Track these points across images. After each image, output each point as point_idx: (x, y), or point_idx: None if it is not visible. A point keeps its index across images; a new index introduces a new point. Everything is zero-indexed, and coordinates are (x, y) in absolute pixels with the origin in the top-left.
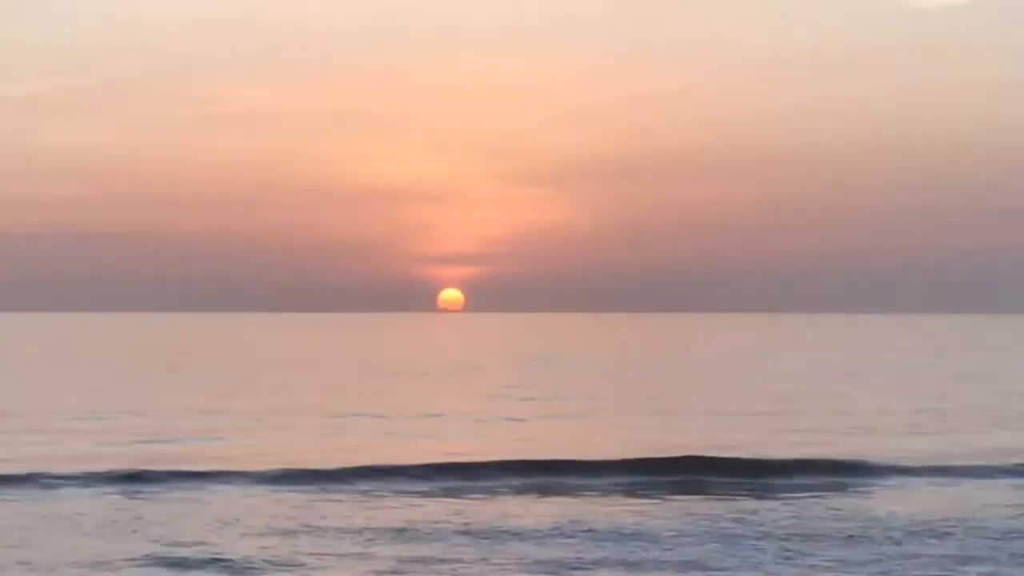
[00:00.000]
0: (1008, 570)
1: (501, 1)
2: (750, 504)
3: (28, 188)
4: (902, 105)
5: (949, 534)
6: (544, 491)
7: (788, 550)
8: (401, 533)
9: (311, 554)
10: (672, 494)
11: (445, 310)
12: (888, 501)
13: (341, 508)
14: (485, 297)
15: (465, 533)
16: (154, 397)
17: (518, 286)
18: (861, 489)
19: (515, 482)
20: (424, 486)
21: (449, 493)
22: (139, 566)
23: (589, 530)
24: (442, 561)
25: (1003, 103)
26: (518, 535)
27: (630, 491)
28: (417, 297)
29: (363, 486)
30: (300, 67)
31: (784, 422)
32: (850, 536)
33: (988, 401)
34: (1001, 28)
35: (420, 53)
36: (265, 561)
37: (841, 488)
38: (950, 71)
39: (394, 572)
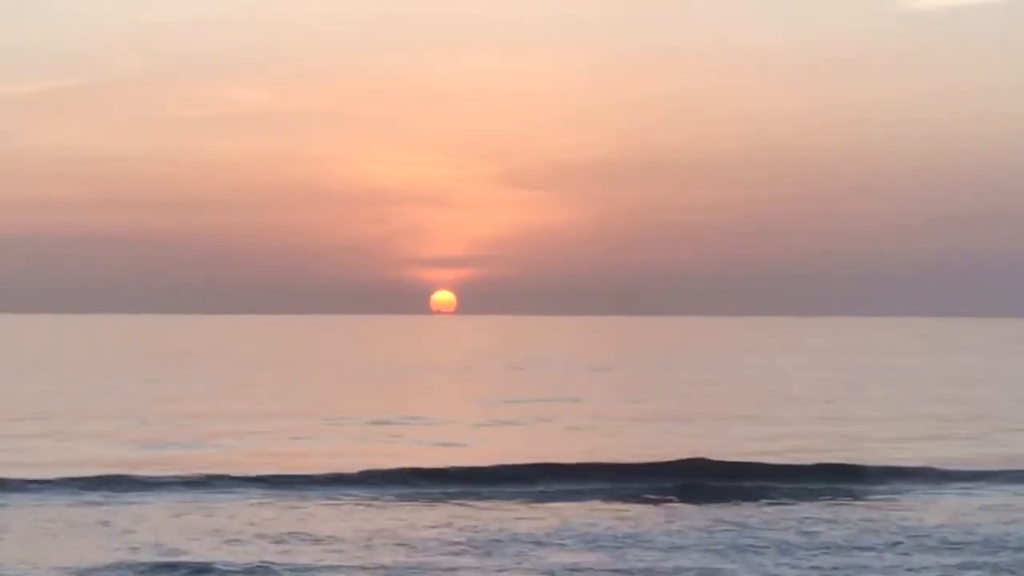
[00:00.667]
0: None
1: (497, 1)
2: (749, 509)
3: (25, 188)
4: (904, 107)
5: (948, 540)
6: (540, 496)
7: (788, 555)
8: (398, 538)
9: (304, 560)
10: (671, 499)
11: (438, 312)
12: (890, 507)
13: (335, 512)
14: (478, 300)
15: (463, 539)
16: (146, 400)
17: (511, 289)
18: (861, 494)
19: (511, 487)
20: (420, 491)
21: (446, 498)
22: (125, 572)
23: (586, 535)
24: (439, 568)
25: (1003, 105)
26: (516, 541)
27: (628, 496)
28: (410, 299)
29: (358, 491)
30: (296, 68)
31: (785, 427)
32: (851, 541)
33: (987, 406)
34: (1001, 30)
35: (416, 54)
36: (259, 567)
37: (842, 494)
38: (949, 73)
39: None
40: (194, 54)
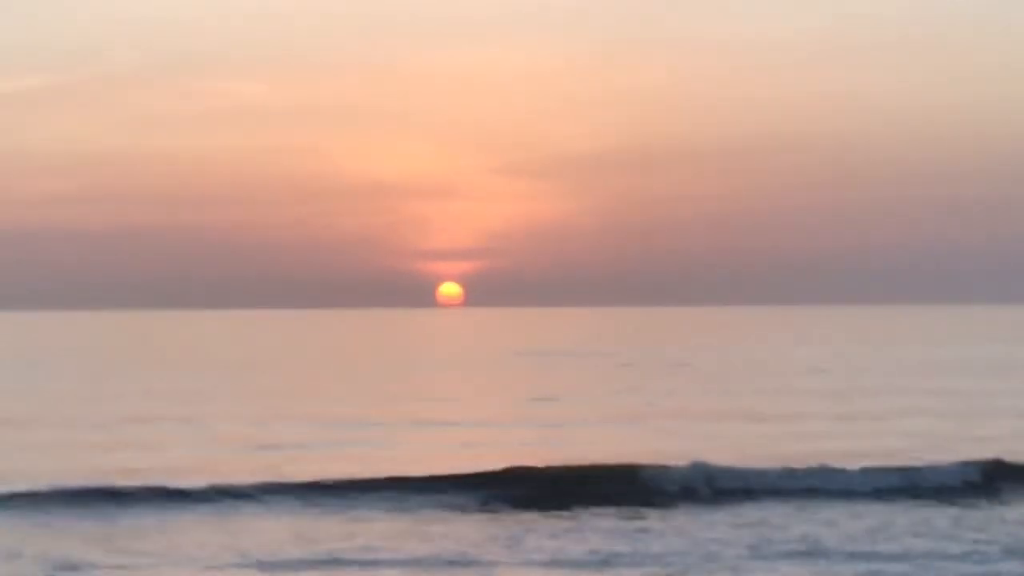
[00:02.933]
0: None
1: None
2: (755, 513)
3: (22, 184)
4: (893, 96)
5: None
6: (545, 503)
7: (787, 558)
8: (433, 546)
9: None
10: (674, 503)
11: (445, 305)
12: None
13: (329, 524)
14: (484, 292)
15: (462, 550)
16: (163, 400)
17: (517, 281)
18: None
19: (515, 493)
20: (419, 501)
21: (445, 507)
22: None
23: (595, 530)
24: None
25: (995, 94)
26: (522, 547)
27: (632, 500)
28: (416, 292)
29: (357, 499)
30: (296, 61)
31: (789, 425)
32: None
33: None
34: (988, 21)
35: (416, 46)
36: None
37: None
38: (937, 64)
39: None
40: (189, 49)
